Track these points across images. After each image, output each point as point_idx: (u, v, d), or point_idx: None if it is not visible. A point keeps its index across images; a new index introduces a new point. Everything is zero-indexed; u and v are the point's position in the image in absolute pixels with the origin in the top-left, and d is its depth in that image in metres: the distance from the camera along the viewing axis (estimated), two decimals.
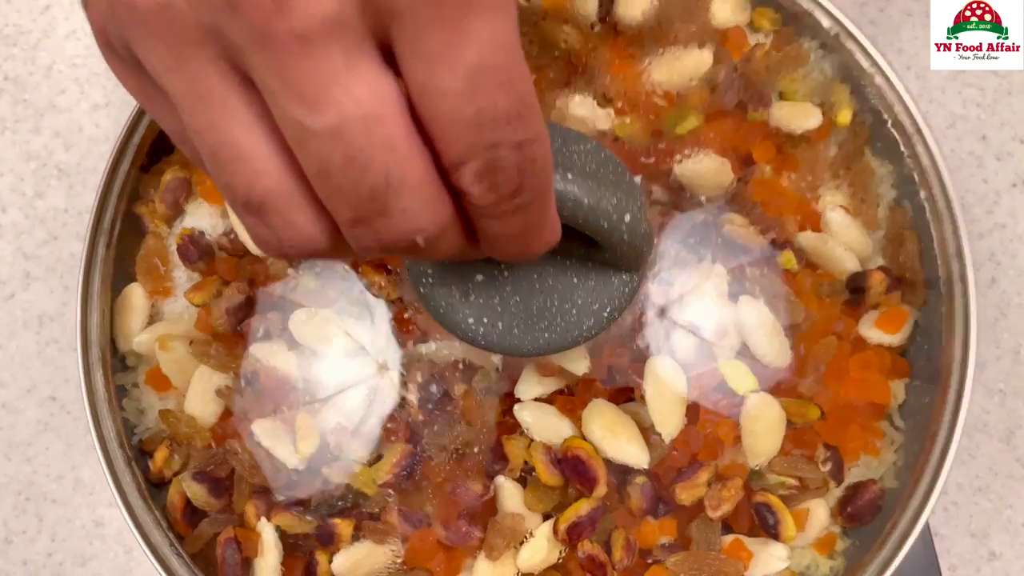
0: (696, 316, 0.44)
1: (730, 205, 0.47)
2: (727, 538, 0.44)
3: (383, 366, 0.44)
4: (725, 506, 0.43)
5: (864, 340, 0.47)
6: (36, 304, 0.60)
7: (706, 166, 0.46)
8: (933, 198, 0.47)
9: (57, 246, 0.61)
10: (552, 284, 0.37)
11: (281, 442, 0.43)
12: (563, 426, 0.43)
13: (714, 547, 0.43)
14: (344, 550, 0.43)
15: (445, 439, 0.43)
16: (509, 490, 0.43)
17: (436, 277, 0.36)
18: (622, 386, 0.44)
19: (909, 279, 0.47)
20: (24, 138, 0.62)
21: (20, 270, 0.60)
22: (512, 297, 0.36)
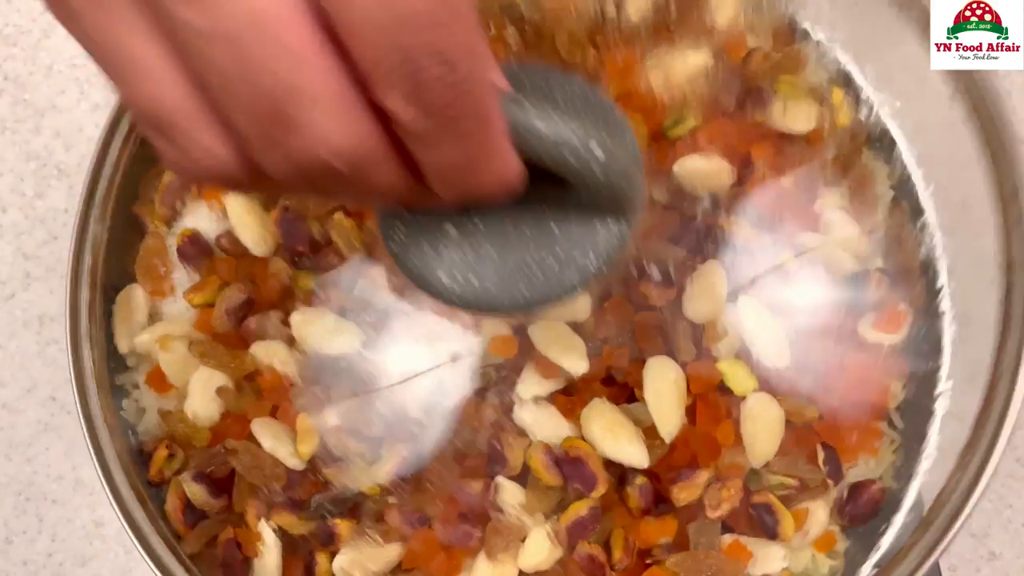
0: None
1: (729, 206, 0.47)
2: (726, 538, 0.44)
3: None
4: (724, 506, 0.43)
5: (863, 340, 0.47)
6: (36, 304, 0.60)
7: (705, 167, 0.46)
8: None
9: (57, 246, 0.61)
10: (530, 235, 0.33)
11: (281, 442, 0.43)
12: (563, 426, 0.43)
13: (713, 547, 0.43)
14: (344, 550, 0.43)
15: (445, 439, 0.43)
16: (509, 490, 0.43)
17: (407, 232, 0.33)
18: (622, 386, 0.45)
19: (907, 280, 0.48)
20: (24, 138, 0.62)
21: (20, 270, 0.60)
22: (487, 251, 0.33)
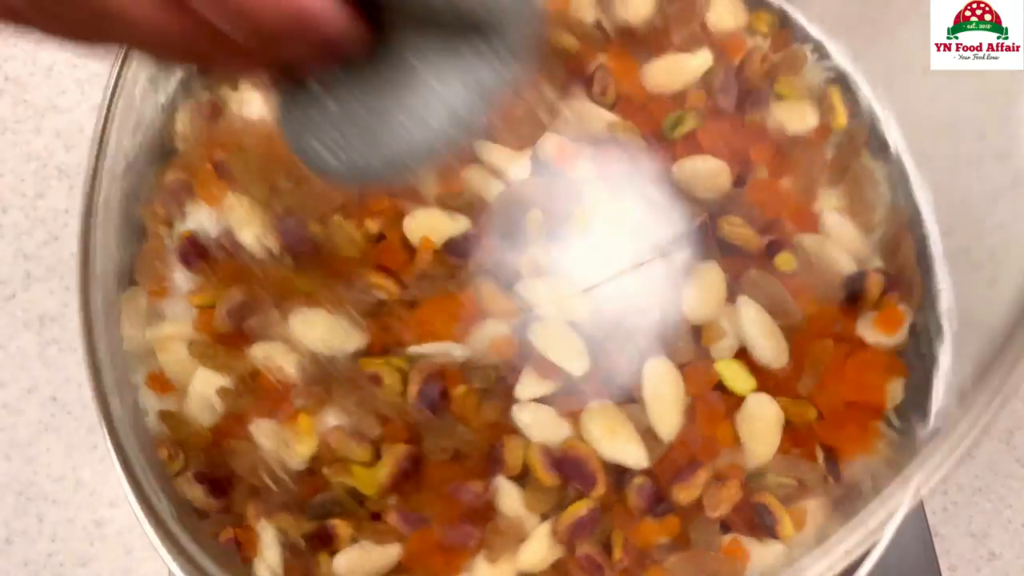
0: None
1: (728, 206, 0.47)
2: (726, 538, 0.44)
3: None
4: (723, 506, 0.43)
5: (861, 341, 0.47)
6: (37, 304, 0.60)
7: (704, 168, 0.46)
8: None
9: (58, 246, 0.61)
10: (409, 95, 0.31)
11: (281, 443, 0.43)
12: (561, 426, 0.44)
13: (713, 547, 0.43)
14: (344, 551, 0.43)
15: (444, 439, 0.44)
16: (508, 491, 0.43)
17: (291, 105, 0.32)
18: (621, 386, 0.45)
19: (906, 280, 0.48)
20: (25, 139, 0.63)
21: (21, 270, 0.60)
22: (363, 115, 0.31)
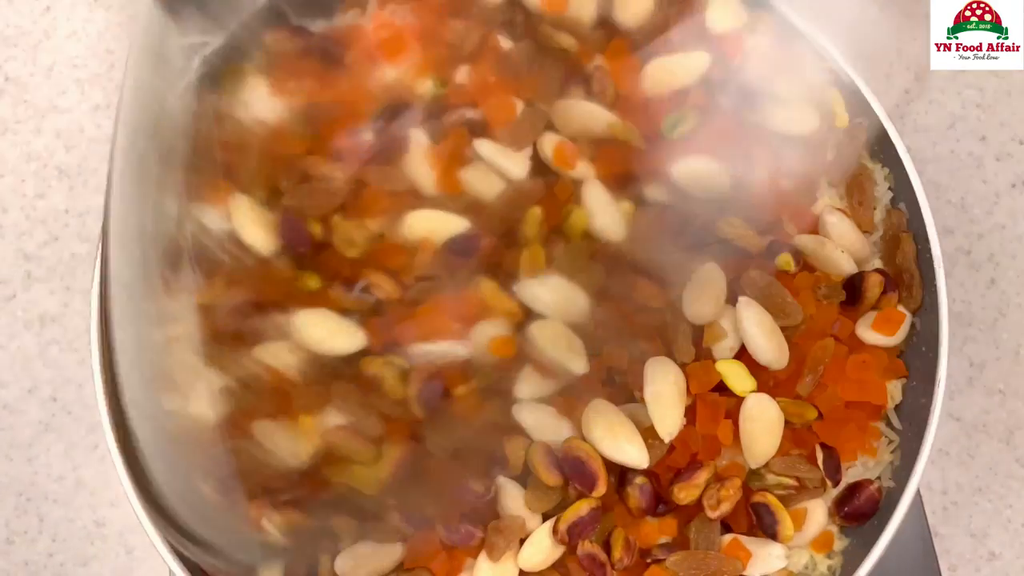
0: None
1: (728, 207, 0.47)
2: (726, 538, 0.44)
3: None
4: (724, 506, 0.43)
5: (861, 341, 0.47)
6: (37, 305, 0.60)
7: (704, 168, 0.46)
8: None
9: (58, 247, 0.61)
10: None
11: (283, 442, 0.43)
12: (563, 426, 0.44)
13: (713, 547, 0.43)
14: (346, 550, 0.43)
15: (445, 439, 0.44)
16: (509, 490, 0.43)
17: None
18: (621, 387, 0.45)
19: (906, 281, 0.48)
20: (25, 139, 0.62)
21: (21, 271, 0.60)
22: None
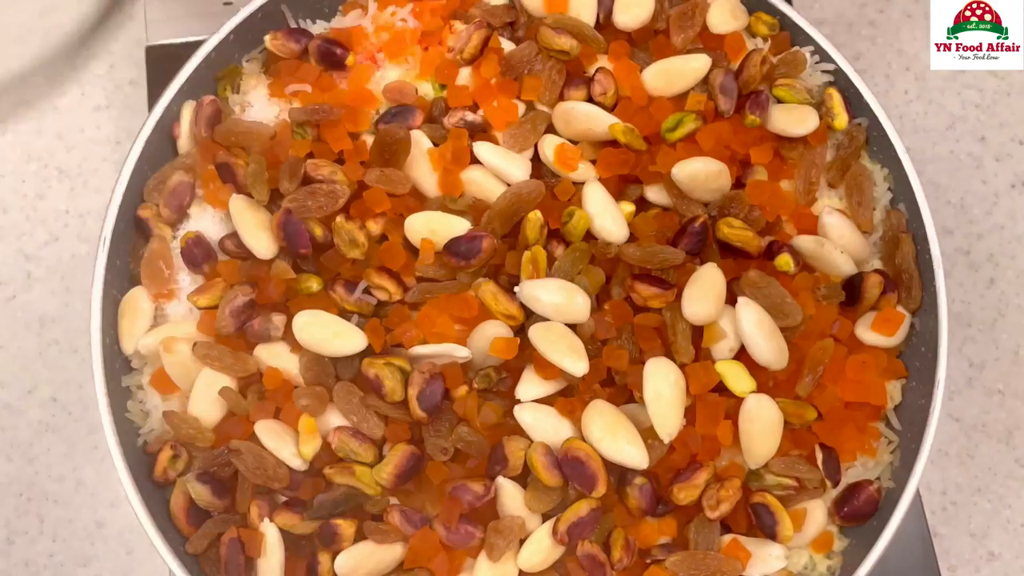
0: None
1: (728, 208, 0.47)
2: (725, 538, 0.44)
3: None
4: (723, 506, 0.43)
5: (861, 342, 0.47)
6: (37, 305, 0.60)
7: (704, 169, 0.46)
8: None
9: (58, 247, 0.61)
10: None
11: (284, 443, 0.43)
12: (563, 427, 0.44)
13: (712, 547, 0.43)
14: (346, 550, 0.43)
15: (446, 440, 0.44)
16: (509, 491, 0.43)
17: None
18: (621, 387, 0.45)
19: (905, 281, 0.48)
20: (25, 139, 0.63)
21: (21, 271, 0.60)
22: None
